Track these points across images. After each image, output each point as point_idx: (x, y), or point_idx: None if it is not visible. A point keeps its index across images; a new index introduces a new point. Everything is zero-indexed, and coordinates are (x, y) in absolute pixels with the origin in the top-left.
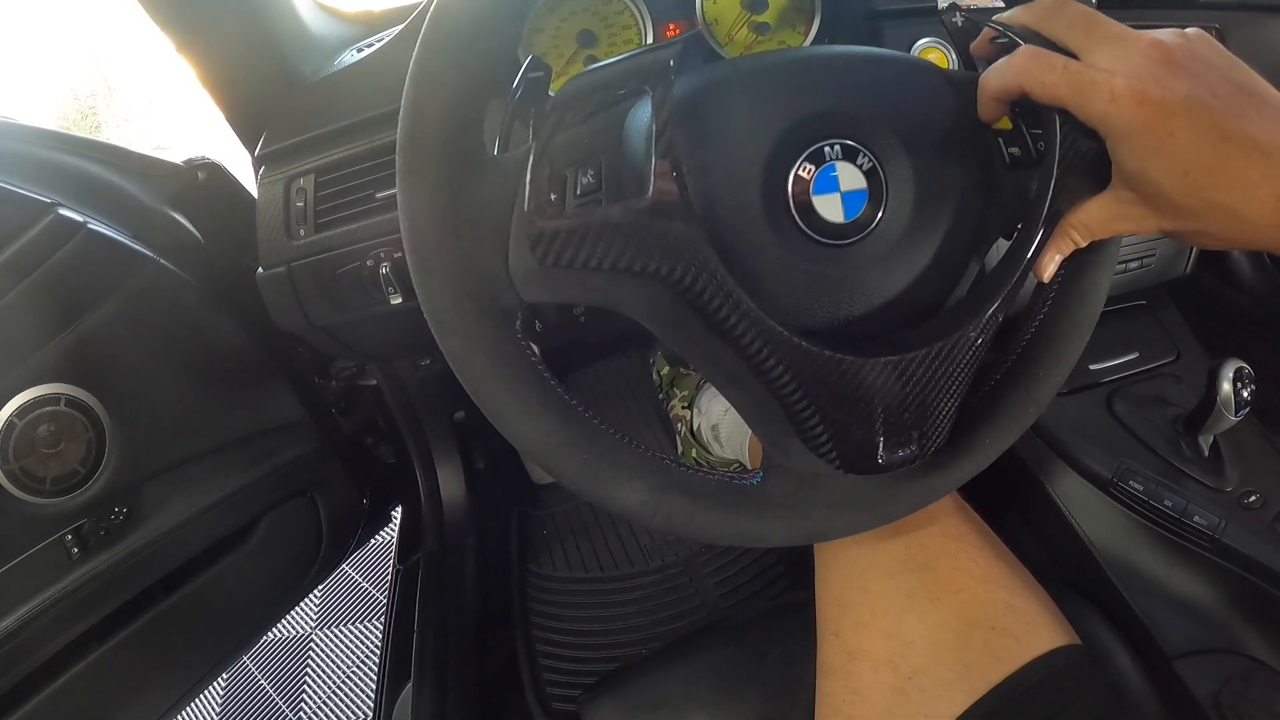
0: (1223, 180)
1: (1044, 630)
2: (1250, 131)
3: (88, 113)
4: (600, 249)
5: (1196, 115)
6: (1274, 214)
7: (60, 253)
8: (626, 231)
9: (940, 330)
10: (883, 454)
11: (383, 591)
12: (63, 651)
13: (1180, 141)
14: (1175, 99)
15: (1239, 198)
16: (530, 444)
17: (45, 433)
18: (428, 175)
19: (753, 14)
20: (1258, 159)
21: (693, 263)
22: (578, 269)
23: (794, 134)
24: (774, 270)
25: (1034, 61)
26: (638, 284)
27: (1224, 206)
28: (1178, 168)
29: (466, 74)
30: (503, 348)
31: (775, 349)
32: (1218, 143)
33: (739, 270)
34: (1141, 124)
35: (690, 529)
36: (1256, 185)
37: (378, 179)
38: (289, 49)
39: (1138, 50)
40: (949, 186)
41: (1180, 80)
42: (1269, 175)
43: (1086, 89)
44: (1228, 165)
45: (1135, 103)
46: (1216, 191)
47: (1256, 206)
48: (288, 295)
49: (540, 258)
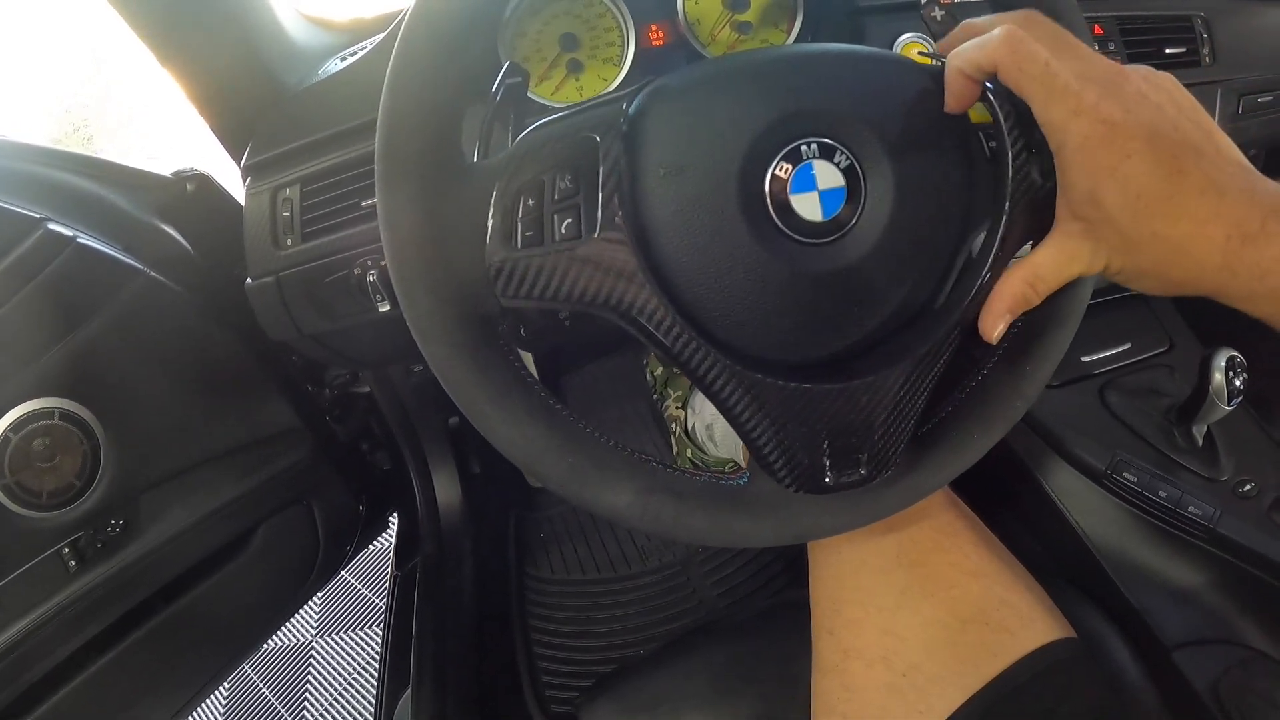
0: (1174, 212)
1: (1039, 624)
2: (1206, 169)
3: (80, 125)
4: (554, 283)
5: (1156, 143)
6: (1222, 254)
7: (50, 267)
8: (575, 267)
9: (888, 358)
10: (829, 477)
11: (382, 598)
12: (63, 664)
13: (1136, 165)
14: (1137, 123)
15: (1187, 233)
16: (516, 450)
17: (40, 447)
18: (406, 183)
19: (735, 13)
20: (1211, 196)
21: (638, 295)
22: (535, 299)
23: (770, 133)
24: (752, 272)
25: (1018, 45)
26: (592, 311)
27: (1171, 241)
28: (1130, 191)
29: (441, 81)
30: (485, 354)
31: (720, 373)
32: (1173, 174)
33: (703, 284)
34: (1100, 140)
35: (678, 530)
36: (1207, 222)
37: (363, 187)
38: (273, 59)
39: (1107, 72)
40: (929, 182)
41: (1144, 108)
42: (1221, 213)
43: (1057, 92)
44: (1181, 197)
45: (1098, 118)
46: (1166, 223)
47: (1205, 245)
48: (277, 304)
49: (501, 289)
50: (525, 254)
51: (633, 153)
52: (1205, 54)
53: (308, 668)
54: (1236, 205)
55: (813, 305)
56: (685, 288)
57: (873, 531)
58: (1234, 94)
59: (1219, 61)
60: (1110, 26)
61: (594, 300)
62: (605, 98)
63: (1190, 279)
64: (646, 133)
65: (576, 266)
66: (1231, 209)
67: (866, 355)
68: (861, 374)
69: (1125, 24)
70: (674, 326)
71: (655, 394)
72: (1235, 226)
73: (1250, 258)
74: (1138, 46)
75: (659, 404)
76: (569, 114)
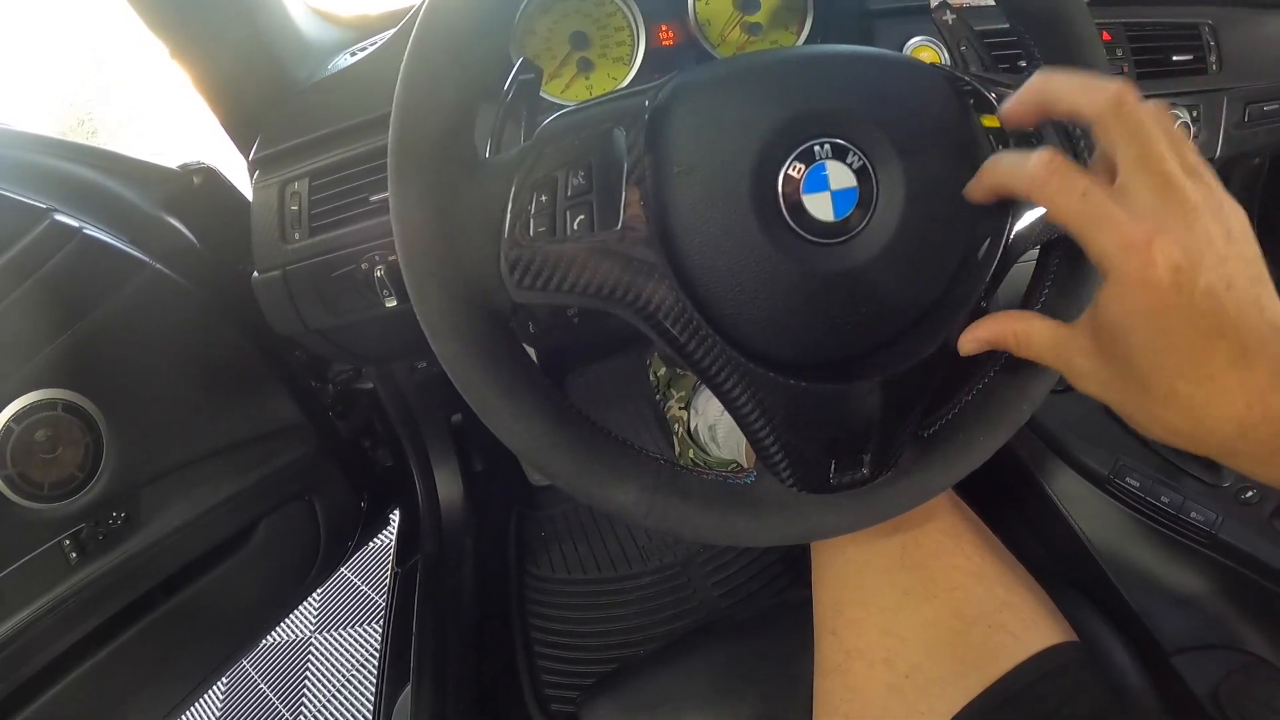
0: (1199, 375)
1: (1040, 627)
2: (1245, 337)
3: (85, 118)
4: (572, 275)
5: (1205, 301)
6: (1238, 423)
7: (56, 258)
8: (594, 259)
9: (893, 360)
10: (834, 476)
11: (382, 595)
12: (62, 656)
13: (1177, 318)
14: (1191, 275)
15: (1208, 397)
16: (523, 445)
17: (43, 438)
18: (419, 179)
19: (745, 14)
20: (1241, 366)
21: (656, 290)
22: (550, 291)
23: (783, 133)
24: (764, 270)
25: (1054, 176)
26: (606, 305)
27: (1188, 399)
28: (1161, 341)
29: (456, 77)
30: (495, 349)
31: (732, 372)
32: (1210, 337)
33: (716, 282)
34: (1146, 283)
35: (684, 529)
36: (1231, 390)
37: (371, 182)
38: (283, 54)
39: (1177, 203)
40: (940, 184)
41: (1207, 256)
42: (1245, 384)
43: (1105, 224)
44: (1211, 364)
45: (1149, 261)
46: (1188, 384)
47: (1223, 410)
48: (283, 299)
49: (516, 281)
50: (543, 245)
51: (656, 147)
52: (1212, 61)
53: (306, 663)
54: (1263, 375)
55: (823, 305)
56: (699, 284)
57: (876, 533)
58: (1240, 102)
59: (1226, 69)
60: (1118, 33)
61: (611, 294)
62: (627, 91)
63: (1199, 438)
64: (671, 127)
65: (595, 259)
66: (1258, 379)
67: (872, 355)
68: (866, 375)
69: (1133, 31)
70: (690, 322)
71: (658, 395)
72: (1258, 397)
73: (1266, 430)
74: (1145, 54)
75: (661, 405)
76: (591, 105)
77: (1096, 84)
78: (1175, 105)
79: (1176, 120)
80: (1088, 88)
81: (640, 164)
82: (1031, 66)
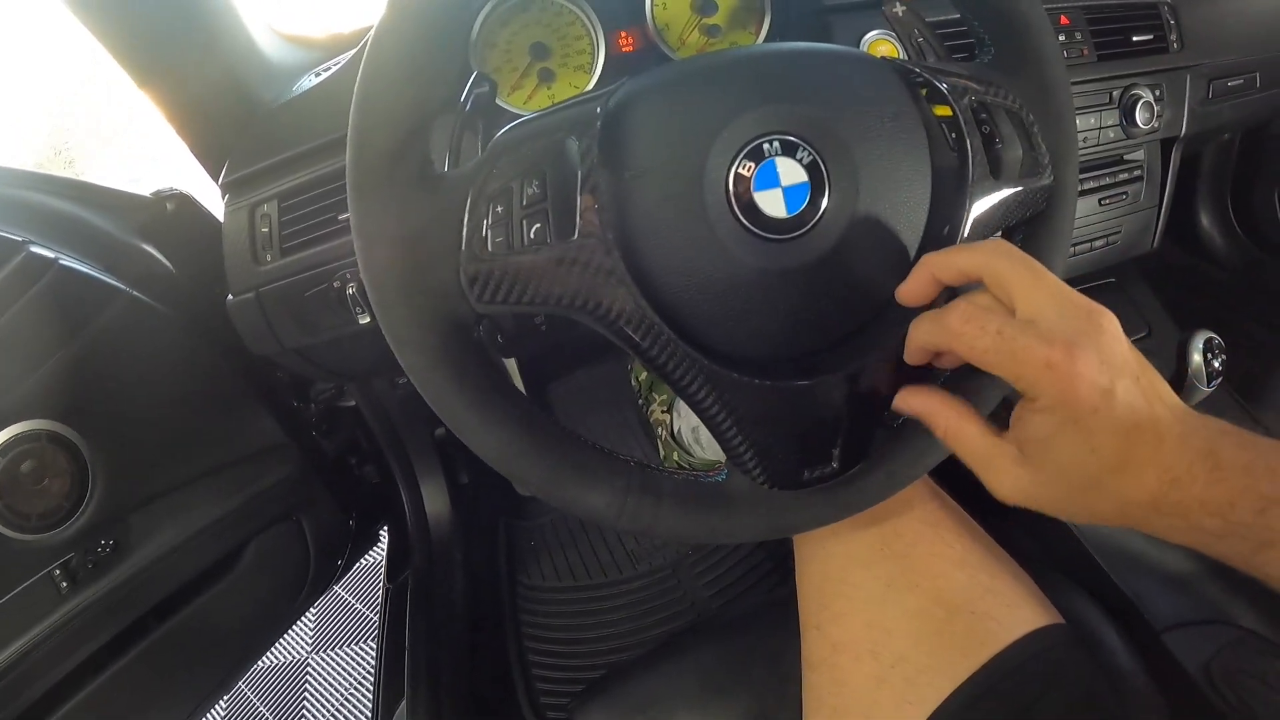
0: (1122, 463)
1: (1025, 611)
2: (1158, 422)
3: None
4: (532, 286)
5: (1124, 398)
6: (1151, 496)
7: (33, 290)
8: (552, 269)
9: (856, 352)
10: (805, 471)
11: (376, 612)
12: (58, 685)
13: (1103, 420)
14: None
15: (1127, 481)
16: (494, 454)
17: (29, 469)
18: (377, 194)
19: (703, 17)
20: (1153, 445)
21: (615, 296)
22: (512, 304)
23: (732, 132)
24: (721, 269)
25: (968, 325)
26: (568, 313)
27: (1111, 488)
28: (1088, 445)
29: (410, 93)
30: (461, 360)
31: (696, 374)
32: (1132, 430)
33: (676, 284)
34: (1073, 397)
35: (658, 528)
36: (1144, 469)
37: (339, 201)
38: (248, 77)
39: (1080, 315)
40: (893, 176)
41: (1116, 355)
42: (1156, 461)
43: (1021, 356)
44: (1131, 449)
45: (1073, 375)
46: (1111, 474)
47: (1137, 488)
48: (258, 320)
49: (477, 295)
50: (501, 258)
51: (608, 154)
52: (1173, 40)
53: (304, 684)
54: (1171, 452)
55: (782, 300)
56: (658, 287)
57: (856, 525)
58: (1203, 79)
59: (1187, 47)
60: (1077, 16)
61: (571, 303)
62: (579, 99)
63: (1115, 513)
64: (622, 133)
65: (553, 269)
66: (1166, 456)
67: (836, 349)
68: (830, 369)
69: (1092, 14)
70: (650, 326)
71: (640, 399)
72: (1166, 472)
73: (1175, 498)
74: (1105, 35)
75: (644, 409)
76: (544, 114)
77: (972, 245)
78: (1138, 85)
79: (1140, 100)
80: (967, 249)
81: (593, 172)
82: (984, 54)
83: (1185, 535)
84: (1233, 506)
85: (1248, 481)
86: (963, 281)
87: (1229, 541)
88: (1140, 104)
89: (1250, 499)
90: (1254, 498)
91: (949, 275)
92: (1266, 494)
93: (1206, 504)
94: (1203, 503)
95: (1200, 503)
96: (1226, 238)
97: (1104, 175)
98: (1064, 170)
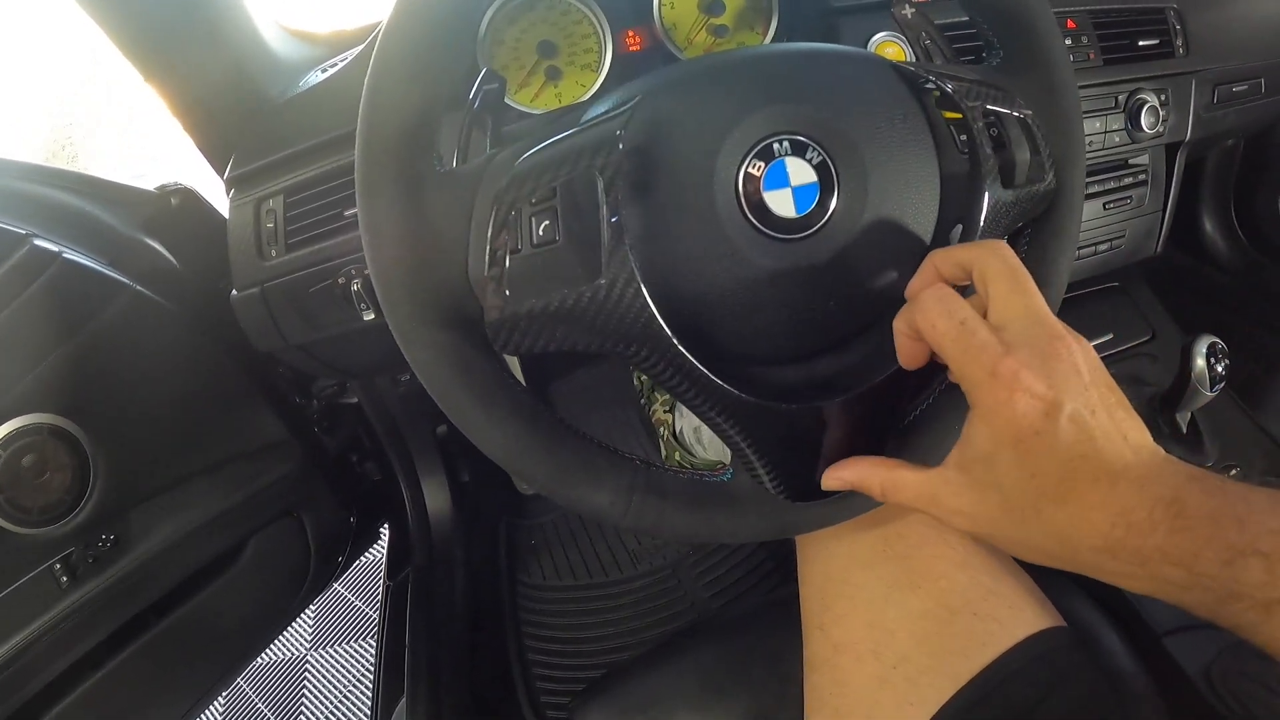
0: (1064, 494)
1: (1026, 613)
2: (1106, 457)
3: (66, 143)
4: (559, 335)
5: (1070, 425)
6: (1104, 539)
7: (37, 283)
8: (579, 316)
9: (867, 371)
10: (814, 485)
11: (376, 609)
12: (58, 680)
13: (1043, 443)
14: (1056, 402)
15: (1072, 516)
16: (499, 450)
17: (30, 463)
18: (385, 190)
19: (710, 17)
20: (1104, 484)
21: (646, 342)
22: (538, 350)
23: (742, 132)
24: (729, 268)
25: (937, 305)
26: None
27: (1053, 521)
28: (1028, 468)
29: (417, 89)
30: (466, 356)
31: (718, 403)
32: (1074, 459)
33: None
34: (1014, 412)
35: (662, 527)
36: (1093, 508)
37: (345, 197)
38: (254, 72)
39: (1045, 338)
40: (902, 177)
41: (1070, 386)
42: (1108, 502)
43: (972, 354)
44: (1075, 481)
45: (1016, 388)
46: (1051, 502)
47: (1088, 529)
48: (262, 316)
49: (501, 346)
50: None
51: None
52: (1179, 45)
53: (303, 681)
54: (1126, 494)
55: (789, 301)
56: (671, 295)
57: (860, 526)
58: (1209, 84)
59: (1193, 52)
60: (1084, 21)
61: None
62: (596, 119)
63: (1066, 556)
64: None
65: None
66: (1120, 498)
67: (842, 352)
68: (844, 388)
69: (1099, 17)
70: (680, 365)
71: (643, 399)
72: (1121, 515)
73: (1132, 544)
74: (1112, 39)
75: (646, 408)
76: (562, 139)
77: (974, 242)
78: (1144, 89)
79: (1145, 105)
80: (968, 246)
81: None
82: (991, 56)
83: (1145, 584)
84: (1196, 557)
85: (1213, 531)
86: (960, 276)
87: (1194, 593)
88: (1145, 108)
89: (1216, 549)
90: (1220, 548)
91: (948, 269)
92: (1234, 544)
93: (1168, 553)
94: (1164, 552)
95: (1161, 552)
96: (1230, 242)
97: (1109, 179)
98: (1071, 173)
